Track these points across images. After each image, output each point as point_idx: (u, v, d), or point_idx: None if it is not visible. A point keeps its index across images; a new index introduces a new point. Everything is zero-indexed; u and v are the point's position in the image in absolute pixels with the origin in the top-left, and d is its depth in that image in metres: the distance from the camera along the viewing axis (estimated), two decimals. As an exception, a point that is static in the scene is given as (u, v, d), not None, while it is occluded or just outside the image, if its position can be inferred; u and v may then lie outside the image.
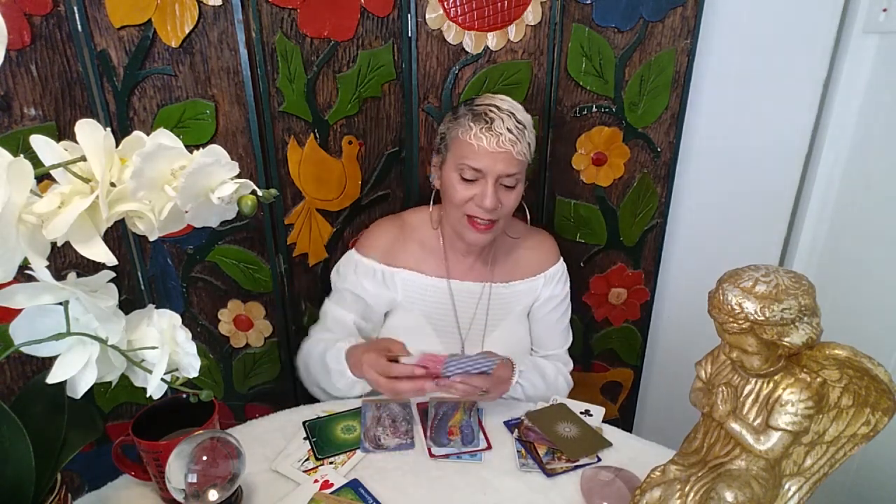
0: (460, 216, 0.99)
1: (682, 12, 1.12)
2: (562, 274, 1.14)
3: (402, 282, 1.06)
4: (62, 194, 0.43)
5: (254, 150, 1.05)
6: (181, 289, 1.14)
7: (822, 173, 1.30)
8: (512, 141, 0.92)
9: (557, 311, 1.13)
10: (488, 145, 0.92)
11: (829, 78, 1.25)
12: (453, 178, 0.97)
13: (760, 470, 0.57)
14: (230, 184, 0.49)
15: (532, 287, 1.11)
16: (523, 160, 0.95)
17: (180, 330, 0.54)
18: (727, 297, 0.53)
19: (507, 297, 1.10)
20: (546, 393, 1.05)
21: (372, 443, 0.88)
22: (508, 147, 0.92)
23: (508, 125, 0.92)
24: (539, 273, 1.11)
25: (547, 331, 1.14)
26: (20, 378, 1.02)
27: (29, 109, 0.91)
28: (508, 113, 0.94)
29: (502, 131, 0.92)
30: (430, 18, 1.07)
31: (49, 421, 0.58)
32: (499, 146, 0.92)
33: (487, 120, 0.92)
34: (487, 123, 0.92)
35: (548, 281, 1.11)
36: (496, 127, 0.92)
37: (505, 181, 0.95)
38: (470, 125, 0.93)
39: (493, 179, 0.94)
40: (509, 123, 0.92)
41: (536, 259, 1.12)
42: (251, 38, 0.98)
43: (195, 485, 0.67)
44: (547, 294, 1.12)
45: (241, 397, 1.27)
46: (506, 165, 0.93)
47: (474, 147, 0.93)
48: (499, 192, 0.95)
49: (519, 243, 1.12)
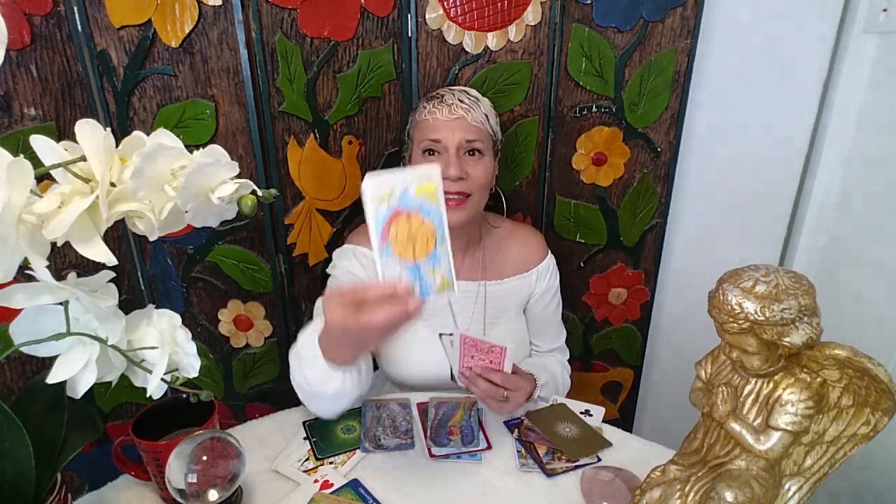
0: None
1: (682, 12, 1.12)
2: (553, 268, 1.15)
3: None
4: (62, 194, 0.43)
5: (254, 150, 1.05)
6: (181, 289, 1.14)
7: (822, 173, 1.30)
8: (465, 108, 0.96)
9: (553, 302, 1.14)
10: (442, 115, 0.96)
11: (829, 78, 1.25)
12: (419, 160, 0.99)
13: (760, 470, 0.57)
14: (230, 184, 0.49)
15: (526, 282, 1.11)
16: (482, 128, 0.97)
17: (180, 330, 0.54)
18: (727, 297, 0.53)
19: (501, 295, 1.10)
20: (556, 393, 1.07)
21: (372, 443, 0.88)
22: (462, 113, 0.96)
23: (460, 97, 0.98)
24: (531, 268, 1.11)
25: (546, 324, 1.15)
26: (20, 378, 1.02)
27: (29, 109, 0.91)
28: (460, 90, 1.00)
29: (453, 102, 0.97)
30: (430, 18, 1.07)
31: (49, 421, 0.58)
32: (451, 113, 0.96)
33: (439, 97, 0.98)
34: (439, 99, 0.98)
35: (541, 275, 1.12)
36: (447, 99, 0.97)
37: (467, 148, 0.97)
38: (424, 105, 0.99)
39: (454, 149, 0.95)
40: (461, 96, 0.98)
41: (526, 254, 1.12)
42: (251, 38, 0.98)
43: (195, 485, 0.66)
44: (541, 288, 1.12)
45: (241, 397, 1.27)
46: (463, 132, 0.96)
47: (430, 122, 0.97)
48: (464, 163, 0.96)
49: (507, 239, 1.12)
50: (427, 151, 0.98)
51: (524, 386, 0.94)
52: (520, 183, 1.23)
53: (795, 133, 1.29)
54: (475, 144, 0.97)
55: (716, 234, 1.39)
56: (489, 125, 0.99)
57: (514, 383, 0.91)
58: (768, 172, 1.32)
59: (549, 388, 1.05)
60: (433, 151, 0.98)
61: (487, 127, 0.99)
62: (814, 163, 1.31)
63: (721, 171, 1.33)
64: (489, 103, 1.02)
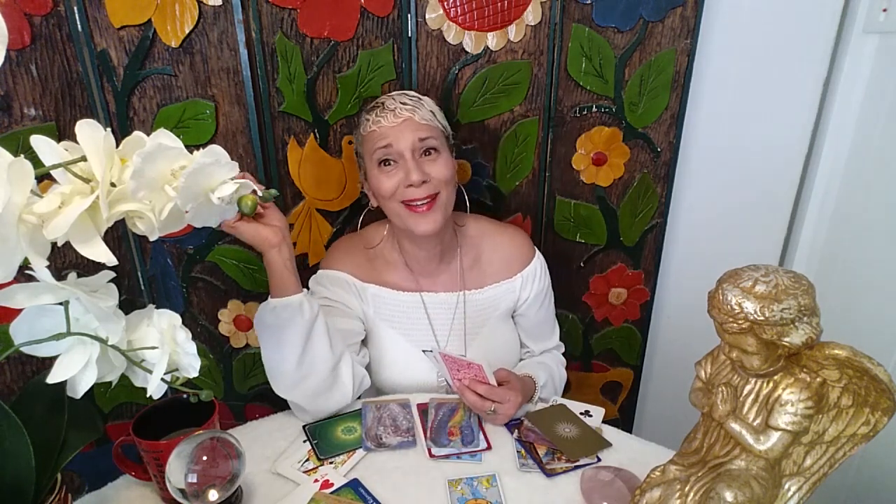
0: (398, 208, 0.95)
1: (682, 12, 1.12)
2: (540, 268, 1.09)
3: (373, 297, 1.03)
4: (62, 194, 0.43)
5: (254, 150, 1.05)
6: (181, 289, 1.14)
7: (822, 173, 1.30)
8: (410, 108, 0.93)
9: (545, 305, 1.11)
10: (388, 121, 0.93)
11: (829, 78, 1.25)
12: (376, 174, 0.95)
13: (760, 470, 0.57)
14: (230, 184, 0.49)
15: (509, 289, 1.07)
16: (431, 125, 0.94)
17: (180, 330, 0.54)
18: (727, 297, 0.53)
19: (483, 303, 1.06)
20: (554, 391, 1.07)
21: (374, 441, 0.88)
22: (408, 115, 0.92)
23: (401, 100, 0.94)
24: (515, 273, 1.06)
25: (539, 326, 1.13)
26: (20, 378, 1.02)
27: (29, 109, 0.91)
28: (399, 93, 0.97)
29: (395, 105, 0.93)
30: (430, 18, 1.07)
31: (49, 421, 0.58)
32: (397, 117, 0.92)
33: (380, 105, 0.95)
34: (380, 107, 0.95)
35: (526, 281, 1.07)
36: (388, 105, 0.94)
37: (421, 147, 0.93)
38: (367, 117, 0.96)
39: (409, 153, 0.92)
40: (401, 98, 0.95)
41: (509, 259, 1.07)
42: (251, 38, 0.98)
43: (195, 485, 0.67)
44: (529, 293, 1.07)
45: (241, 397, 1.27)
46: (413, 132, 0.92)
47: (377, 131, 0.93)
48: (422, 164, 0.93)
49: (487, 244, 1.07)
50: (382, 162, 0.94)
51: (512, 397, 0.90)
52: (520, 183, 1.23)
53: (795, 133, 1.29)
54: (429, 142, 0.93)
55: (716, 234, 1.39)
56: (437, 121, 0.96)
57: (500, 396, 0.90)
58: (768, 172, 1.32)
59: (549, 389, 1.05)
60: (388, 161, 0.94)
61: (437, 122, 0.96)
62: (814, 163, 1.31)
63: (721, 172, 1.33)
64: (431, 101, 0.98)
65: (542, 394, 1.01)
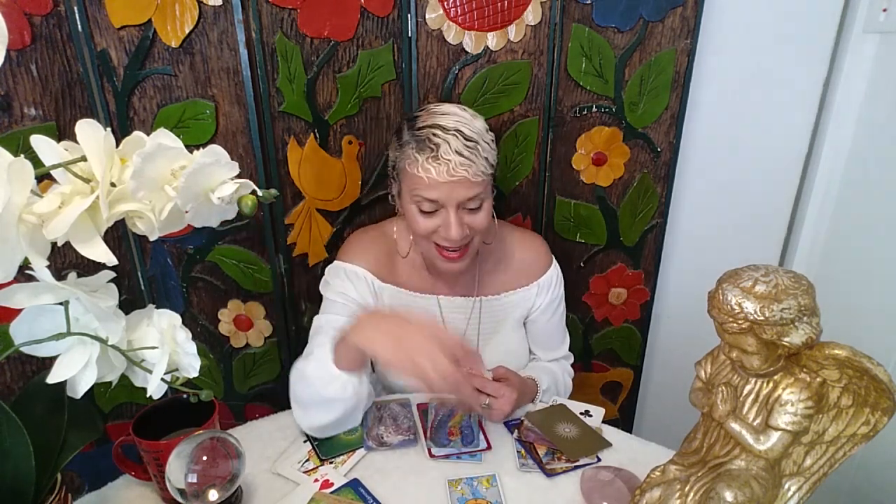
0: (428, 246, 0.94)
1: (682, 12, 1.12)
2: (556, 278, 1.09)
3: (390, 298, 1.02)
4: (62, 194, 0.43)
5: (254, 150, 1.05)
6: (181, 289, 1.14)
7: (822, 173, 1.30)
8: (465, 165, 0.84)
9: (557, 313, 1.11)
10: (439, 176, 0.84)
11: (829, 78, 1.25)
12: (412, 211, 0.90)
13: (760, 470, 0.57)
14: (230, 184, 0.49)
15: (525, 297, 1.06)
16: (483, 179, 0.87)
17: (180, 330, 0.54)
18: (727, 297, 0.53)
19: (498, 309, 1.06)
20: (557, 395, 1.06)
21: (376, 441, 0.88)
22: (462, 173, 0.84)
23: (457, 147, 0.84)
24: (532, 282, 1.06)
25: (548, 334, 1.13)
26: (20, 378, 1.02)
27: (29, 109, 0.91)
28: (454, 132, 0.85)
29: (451, 157, 0.83)
30: (430, 18, 1.07)
31: (49, 421, 0.58)
32: (451, 174, 0.83)
33: (433, 147, 0.84)
34: (433, 151, 0.84)
35: (542, 289, 1.07)
36: (443, 154, 0.83)
37: (468, 205, 0.88)
38: (416, 156, 0.86)
39: (453, 208, 0.87)
40: (457, 145, 0.84)
41: (527, 267, 1.06)
42: (251, 38, 0.98)
43: (195, 485, 0.67)
44: (543, 302, 1.07)
45: (241, 397, 1.27)
46: (465, 190, 0.85)
47: (425, 180, 0.85)
48: (464, 217, 0.88)
49: (507, 251, 1.06)
50: (421, 206, 0.89)
51: (507, 393, 0.90)
52: (520, 183, 1.23)
53: (795, 133, 1.29)
54: (478, 199, 0.88)
55: (716, 234, 1.39)
56: (489, 166, 0.88)
57: (495, 390, 0.90)
58: (768, 172, 1.33)
59: (551, 394, 1.05)
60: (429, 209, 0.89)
61: (489, 171, 0.88)
62: (814, 163, 1.31)
63: (721, 171, 1.33)
64: (484, 131, 0.89)
65: (543, 398, 1.01)
